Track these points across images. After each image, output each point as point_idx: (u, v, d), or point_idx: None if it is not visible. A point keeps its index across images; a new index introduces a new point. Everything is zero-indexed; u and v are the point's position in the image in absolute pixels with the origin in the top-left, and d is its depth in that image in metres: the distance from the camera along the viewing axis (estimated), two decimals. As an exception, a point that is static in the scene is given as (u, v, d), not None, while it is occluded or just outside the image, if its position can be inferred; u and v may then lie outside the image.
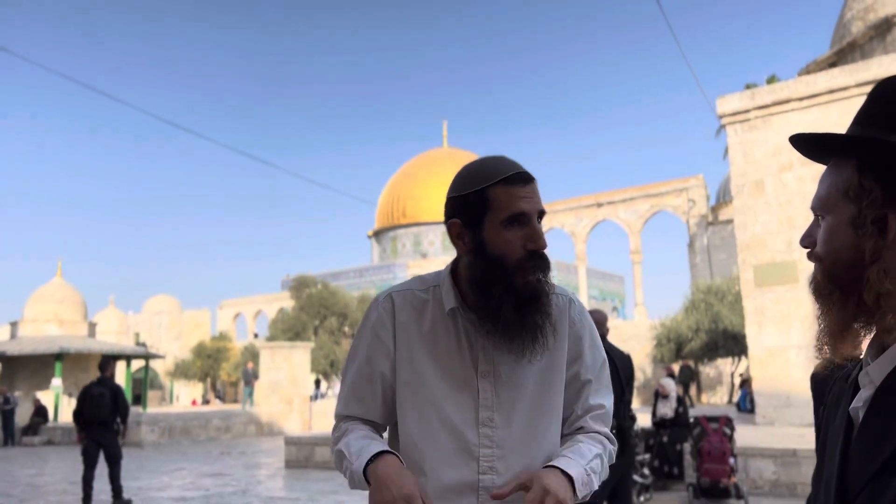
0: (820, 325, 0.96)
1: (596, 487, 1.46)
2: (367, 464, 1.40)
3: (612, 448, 1.58)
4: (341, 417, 1.59)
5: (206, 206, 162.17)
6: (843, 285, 0.92)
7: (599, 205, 39.40)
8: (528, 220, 1.45)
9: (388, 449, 1.45)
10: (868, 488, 0.83)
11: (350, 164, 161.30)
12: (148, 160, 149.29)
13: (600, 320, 5.02)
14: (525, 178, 1.48)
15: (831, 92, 12.95)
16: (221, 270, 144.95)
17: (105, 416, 9.28)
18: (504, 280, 1.44)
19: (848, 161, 0.94)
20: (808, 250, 0.98)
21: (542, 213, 1.48)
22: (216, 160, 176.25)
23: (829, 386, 1.07)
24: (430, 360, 1.51)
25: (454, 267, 1.58)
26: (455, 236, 1.51)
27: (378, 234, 57.76)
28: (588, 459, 1.47)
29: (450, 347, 1.51)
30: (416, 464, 1.48)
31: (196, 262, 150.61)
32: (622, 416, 4.91)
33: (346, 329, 35.04)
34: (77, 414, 9.43)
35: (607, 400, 1.61)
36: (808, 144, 1.00)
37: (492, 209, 1.45)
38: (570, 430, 1.58)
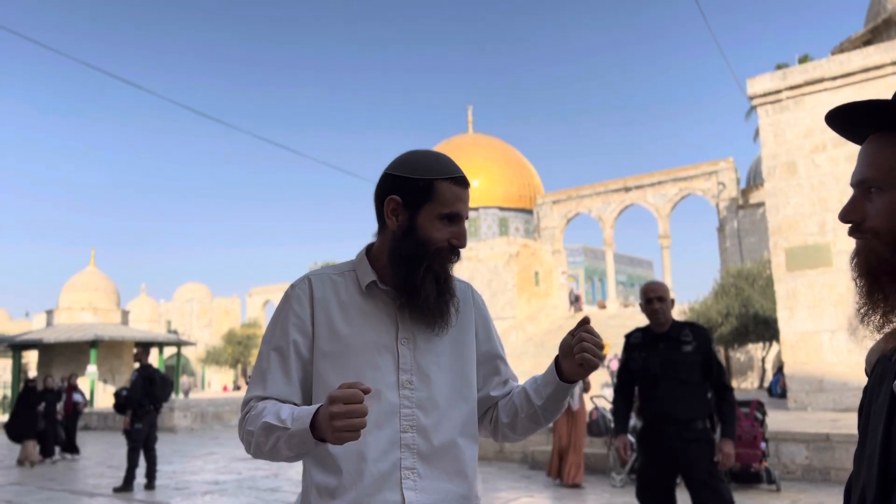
0: (880, 304, 0.90)
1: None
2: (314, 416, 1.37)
3: None
4: (254, 399, 1.55)
5: (235, 195, 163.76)
6: None
7: (627, 189, 39.04)
8: (459, 220, 1.61)
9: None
10: None
11: (376, 151, 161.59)
12: (177, 150, 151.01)
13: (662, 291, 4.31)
14: (466, 183, 1.64)
15: (866, 70, 12.65)
16: (250, 258, 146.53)
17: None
18: (425, 262, 1.57)
19: None
20: (852, 225, 0.93)
21: (467, 216, 1.64)
22: (244, 149, 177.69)
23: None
24: (351, 331, 1.58)
25: (369, 249, 1.68)
26: (390, 211, 1.61)
27: (404, 221, 57.89)
28: None
29: (369, 319, 1.60)
30: None
31: (225, 250, 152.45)
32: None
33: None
34: (144, 396, 9.52)
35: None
36: (853, 116, 0.94)
37: (433, 200, 1.58)
38: (503, 392, 1.75)
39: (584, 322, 1.52)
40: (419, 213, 1.58)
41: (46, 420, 13.21)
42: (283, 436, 1.42)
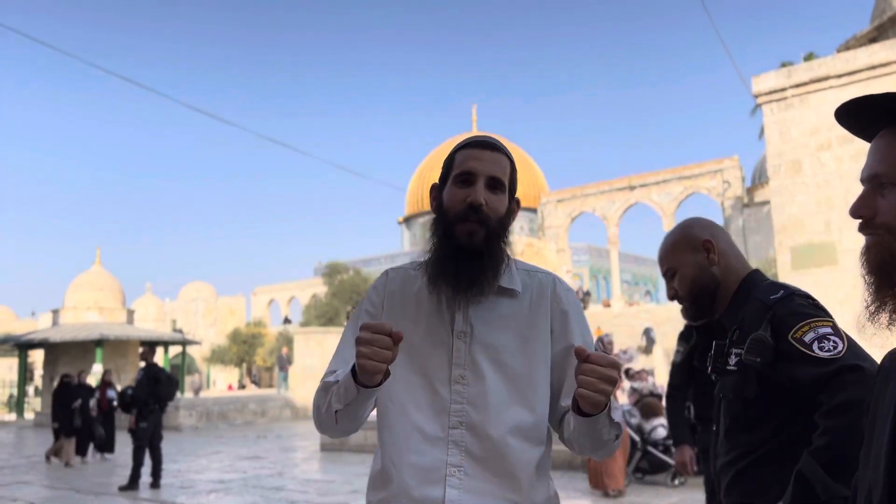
0: (889, 301, 0.89)
1: (617, 432, 1.42)
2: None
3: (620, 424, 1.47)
4: (326, 376, 1.60)
5: (240, 194, 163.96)
6: None
7: (632, 188, 38.97)
8: (474, 179, 1.54)
9: None
10: None
11: (380, 150, 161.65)
12: (182, 149, 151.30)
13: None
14: (484, 144, 1.59)
15: (872, 68, 12.59)
16: (255, 257, 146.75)
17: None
18: (447, 230, 1.55)
19: None
20: (863, 220, 0.91)
21: (496, 180, 1.55)
22: (248, 148, 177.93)
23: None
24: (412, 323, 1.57)
25: None
26: (432, 199, 1.65)
27: (408, 221, 57.90)
28: (616, 405, 1.44)
29: (430, 311, 1.59)
30: (394, 418, 1.55)
31: (230, 250, 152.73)
32: None
33: (379, 314, 35.38)
34: (149, 395, 9.52)
35: None
36: (864, 111, 0.92)
37: (452, 170, 1.59)
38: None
39: (580, 355, 1.30)
40: (445, 188, 1.61)
41: (82, 417, 13.07)
42: (335, 388, 1.47)
